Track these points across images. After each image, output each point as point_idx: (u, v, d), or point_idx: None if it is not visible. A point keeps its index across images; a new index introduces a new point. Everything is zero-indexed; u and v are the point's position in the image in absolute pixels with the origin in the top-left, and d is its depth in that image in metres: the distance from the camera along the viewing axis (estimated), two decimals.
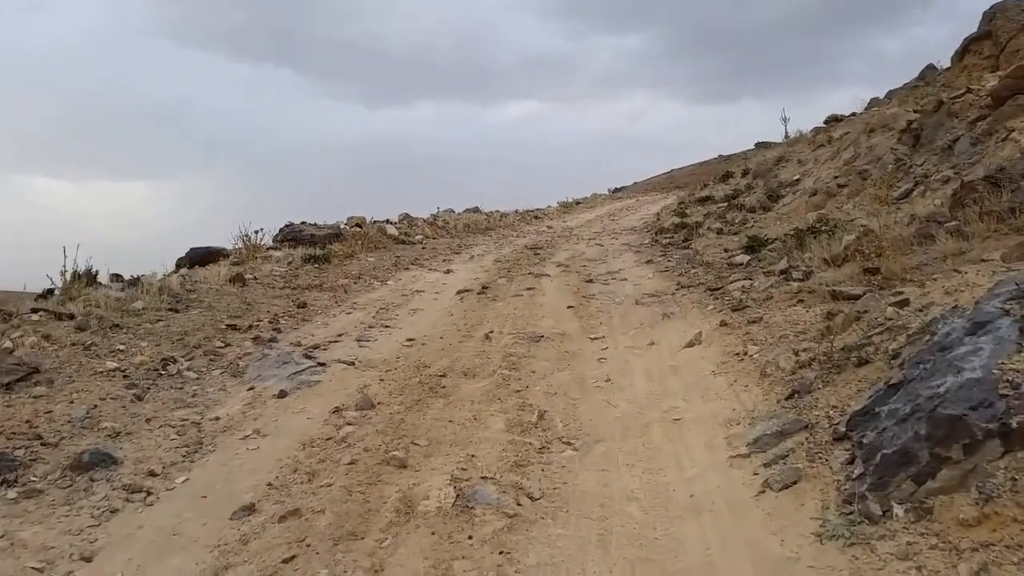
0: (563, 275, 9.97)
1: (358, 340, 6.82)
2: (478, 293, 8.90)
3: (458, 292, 9.07)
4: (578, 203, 28.97)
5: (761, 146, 61.69)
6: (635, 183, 58.22)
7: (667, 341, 6.26)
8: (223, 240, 11.88)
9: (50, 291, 8.19)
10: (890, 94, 17.63)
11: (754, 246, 9.25)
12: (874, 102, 20.10)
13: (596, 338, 6.61)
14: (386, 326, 7.43)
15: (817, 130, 17.73)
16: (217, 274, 9.24)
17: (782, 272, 7.49)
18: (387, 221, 15.94)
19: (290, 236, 12.55)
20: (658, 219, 18.17)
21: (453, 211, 20.66)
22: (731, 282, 7.76)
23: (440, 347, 6.44)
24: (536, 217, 22.88)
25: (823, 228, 8.37)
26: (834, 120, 22.12)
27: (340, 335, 7.08)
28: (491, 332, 6.84)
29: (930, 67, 13.96)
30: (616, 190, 54.43)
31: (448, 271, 10.98)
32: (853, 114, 21.43)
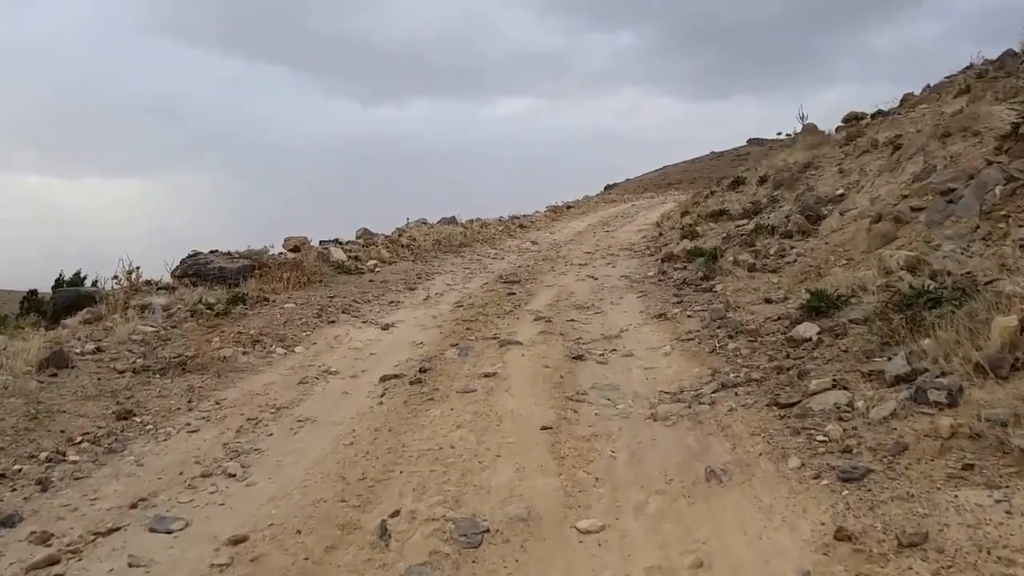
0: (541, 341, 6.71)
1: (152, 528, 3.56)
2: (412, 382, 5.66)
3: (383, 379, 5.82)
4: (569, 207, 25.70)
5: (754, 143, 58.95)
6: (627, 180, 55.34)
7: (730, 558, 3.04)
8: (216, 239, 8.79)
9: None
10: (937, 87, 14.38)
11: (821, 307, 6.01)
12: (909, 98, 16.89)
13: (589, 531, 3.38)
14: (230, 475, 4.16)
15: (849, 134, 14.45)
16: (26, 351, 5.97)
17: (902, 380, 4.28)
18: (336, 242, 12.66)
19: (192, 271, 9.27)
20: (660, 234, 14.93)
21: (426, 222, 17.36)
22: (811, 392, 4.50)
23: (284, 565, 3.19)
24: (522, 226, 19.63)
25: (942, 293, 5.13)
26: (855, 119, 19.02)
27: (134, 505, 3.82)
28: (397, 511, 3.59)
29: (1010, 53, 10.71)
30: (609, 187, 51.41)
31: (387, 326, 7.71)
32: (880, 112, 18.28)
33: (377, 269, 11.31)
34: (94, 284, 17.08)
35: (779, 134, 60.77)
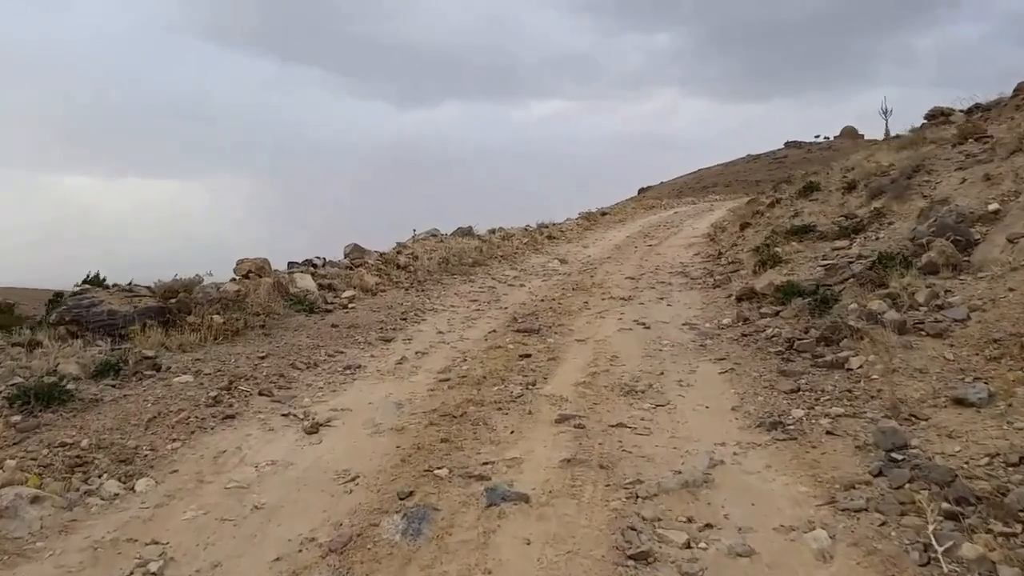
0: (565, 489, 3.47)
1: None
2: None
3: None
4: (604, 214, 22.35)
5: (792, 146, 55.13)
6: (661, 183, 52.17)
7: None
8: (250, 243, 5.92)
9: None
10: None
11: None
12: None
13: None
14: None
15: (962, 130, 10.90)
16: None
17: None
18: (310, 264, 9.55)
19: (71, 317, 6.22)
20: (720, 253, 11.57)
21: (437, 233, 14.24)
22: None
23: None
24: (550, 237, 16.39)
25: None
26: (941, 115, 15.52)
27: None
28: None
29: None
30: (643, 190, 48.09)
31: (317, 427, 4.52)
32: (978, 106, 14.70)
33: (352, 305, 8.17)
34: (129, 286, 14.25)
35: (817, 137, 56.34)
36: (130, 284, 6.81)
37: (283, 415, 4.73)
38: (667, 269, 10.73)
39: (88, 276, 17.17)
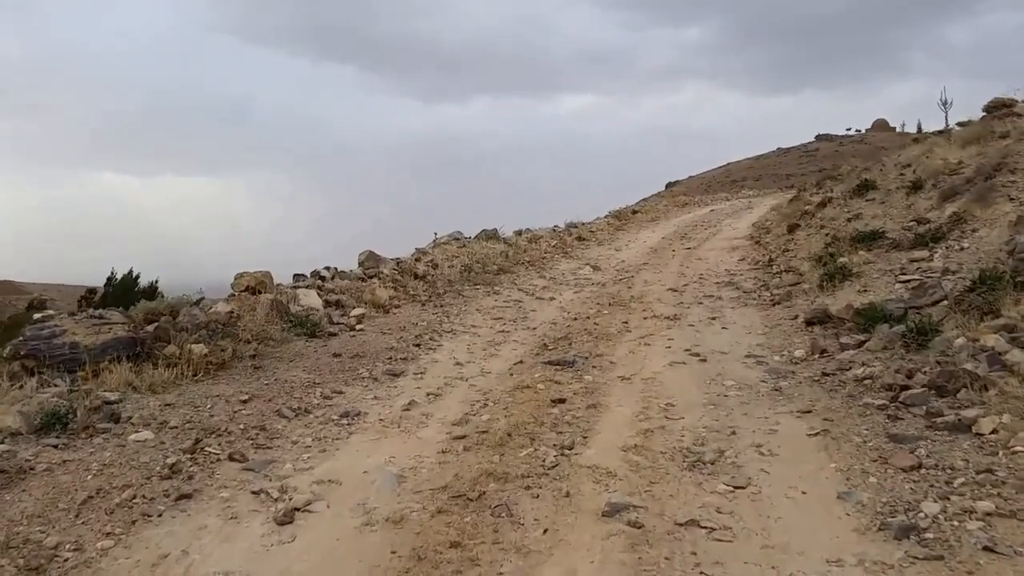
0: None
1: None
2: None
3: None
4: (635, 212, 21.08)
5: (823, 139, 53.11)
6: (690, 177, 50.55)
7: None
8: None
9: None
10: None
11: None
12: None
13: None
14: None
15: None
16: None
17: None
18: (318, 277, 8.51)
19: (28, 351, 5.23)
20: (770, 259, 10.32)
21: (460, 237, 13.17)
22: None
23: None
24: (579, 239, 15.23)
25: None
26: (1003, 105, 14.10)
27: None
28: None
29: None
30: (671, 184, 46.60)
31: (292, 514, 3.44)
32: None
33: (360, 326, 7.12)
34: (153, 289, 13.26)
35: (849, 129, 54.22)
36: (99, 313, 5.81)
37: (253, 492, 3.67)
38: (713, 278, 9.53)
39: (112, 274, 16.14)
